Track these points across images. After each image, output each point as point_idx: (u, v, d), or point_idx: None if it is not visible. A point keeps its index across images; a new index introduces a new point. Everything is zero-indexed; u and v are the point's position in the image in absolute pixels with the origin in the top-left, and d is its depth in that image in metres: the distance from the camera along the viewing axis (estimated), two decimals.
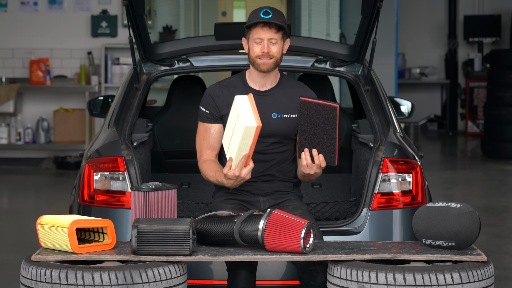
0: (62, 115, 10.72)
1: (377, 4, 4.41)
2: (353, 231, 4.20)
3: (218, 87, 4.17)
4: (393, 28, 10.89)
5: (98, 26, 10.77)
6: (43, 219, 3.55)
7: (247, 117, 3.73)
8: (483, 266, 3.45)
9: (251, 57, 4.06)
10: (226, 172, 3.87)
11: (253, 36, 4.04)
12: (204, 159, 4.13)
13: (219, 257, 3.47)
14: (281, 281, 4.20)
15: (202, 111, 4.16)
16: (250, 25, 4.03)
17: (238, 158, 3.81)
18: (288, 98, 4.14)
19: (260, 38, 4.01)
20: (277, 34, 4.02)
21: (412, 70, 15.26)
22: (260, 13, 4.00)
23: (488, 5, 15.14)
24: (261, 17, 4.00)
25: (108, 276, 3.31)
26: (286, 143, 4.17)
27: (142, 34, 4.72)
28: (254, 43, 4.04)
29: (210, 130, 4.13)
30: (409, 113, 5.71)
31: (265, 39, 4.01)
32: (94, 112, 5.66)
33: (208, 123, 4.14)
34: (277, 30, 4.01)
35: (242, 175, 3.85)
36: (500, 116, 11.99)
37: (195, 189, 5.26)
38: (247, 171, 3.85)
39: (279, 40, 4.04)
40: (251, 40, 4.05)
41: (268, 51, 4.01)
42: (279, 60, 4.07)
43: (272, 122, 4.11)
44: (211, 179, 4.07)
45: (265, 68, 4.05)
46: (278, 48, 4.04)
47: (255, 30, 4.02)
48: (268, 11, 4.01)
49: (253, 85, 4.15)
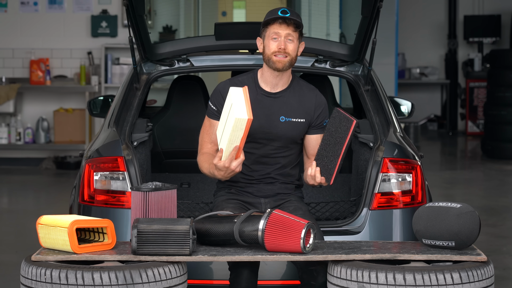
0: (62, 115, 10.72)
1: (377, 4, 4.41)
2: (353, 231, 4.20)
3: (229, 84, 4.14)
4: (393, 28, 10.89)
5: (98, 26, 10.77)
6: (43, 219, 3.55)
7: (239, 109, 3.72)
8: (483, 266, 3.45)
9: (267, 54, 4.04)
10: (216, 163, 3.86)
11: (270, 32, 4.02)
12: (203, 152, 4.13)
13: (219, 257, 3.47)
14: (281, 281, 4.20)
15: (210, 106, 4.16)
16: (268, 21, 4.02)
17: (229, 150, 3.81)
18: (298, 102, 4.13)
19: (278, 33, 4.00)
20: (294, 32, 4.02)
21: (412, 70, 15.26)
22: (278, 12, 4.01)
23: (488, 5, 15.14)
24: (279, 14, 3.99)
25: (108, 276, 3.31)
26: (292, 147, 4.17)
27: (142, 34, 4.72)
28: (271, 39, 4.02)
29: (214, 127, 4.12)
30: (409, 113, 5.71)
31: (282, 35, 4.00)
32: (94, 112, 5.66)
33: (214, 119, 4.12)
34: (295, 29, 4.01)
35: (232, 167, 3.84)
36: (500, 116, 11.99)
37: (195, 189, 5.26)
38: (237, 164, 3.84)
39: (296, 39, 4.03)
40: (268, 37, 4.03)
41: (285, 47, 3.99)
42: (294, 60, 4.05)
43: (280, 126, 4.11)
44: (204, 171, 4.07)
45: (280, 66, 4.03)
46: (294, 46, 4.03)
47: (272, 26, 4.01)
48: (286, 10, 4.01)
49: (264, 85, 4.14)
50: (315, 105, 4.16)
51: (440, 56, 15.51)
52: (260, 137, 4.11)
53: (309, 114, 4.15)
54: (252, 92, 4.09)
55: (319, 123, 4.17)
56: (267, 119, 4.10)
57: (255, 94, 4.10)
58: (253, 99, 4.08)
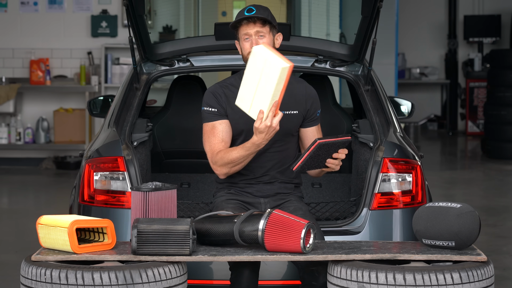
0: (62, 115, 10.72)
1: (377, 4, 4.42)
2: (353, 231, 4.20)
3: (219, 87, 4.16)
4: (393, 28, 10.89)
5: (98, 26, 10.77)
6: (43, 219, 3.55)
7: (278, 60, 3.65)
8: (483, 266, 3.45)
9: (244, 56, 4.07)
10: (258, 125, 3.79)
11: (241, 34, 4.06)
12: (218, 151, 4.04)
13: (219, 257, 3.47)
14: (282, 281, 4.20)
15: (206, 111, 4.11)
16: (235, 24, 4.06)
17: (269, 107, 3.74)
18: (288, 95, 4.13)
19: (247, 33, 4.03)
20: (263, 27, 4.03)
21: (412, 70, 15.26)
22: (244, 11, 4.03)
23: (488, 5, 15.14)
24: (245, 14, 4.02)
25: (108, 276, 3.31)
26: (288, 140, 4.16)
27: (142, 34, 4.73)
28: (243, 41, 4.06)
29: (218, 127, 4.09)
30: (409, 113, 5.71)
31: (252, 34, 4.02)
32: (94, 112, 5.66)
33: (215, 121, 4.09)
34: (263, 24, 4.02)
35: (273, 124, 3.78)
36: (500, 116, 11.99)
37: (195, 189, 5.26)
38: (278, 120, 3.78)
39: (267, 33, 4.04)
40: (241, 39, 4.07)
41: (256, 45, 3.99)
42: None
43: None
44: (236, 156, 3.96)
45: None
46: (267, 41, 4.03)
47: (241, 28, 4.05)
48: (251, 8, 4.03)
49: None
50: (305, 96, 4.17)
51: (440, 56, 15.51)
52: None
53: (301, 105, 4.15)
54: None
55: (312, 115, 4.18)
56: None
57: None
58: None
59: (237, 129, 4.11)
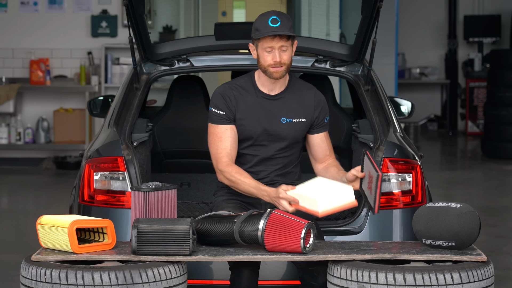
0: (62, 115, 10.72)
1: (377, 4, 4.41)
2: (353, 231, 4.20)
3: (229, 88, 4.11)
4: (393, 28, 10.89)
5: (98, 26, 10.77)
6: (43, 219, 3.55)
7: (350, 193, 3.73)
8: (483, 266, 3.45)
9: (262, 65, 4.00)
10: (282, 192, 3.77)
11: (263, 45, 3.97)
12: (227, 163, 4.02)
13: (219, 257, 3.47)
14: (282, 281, 4.20)
15: (215, 112, 4.08)
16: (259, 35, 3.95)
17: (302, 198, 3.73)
18: (297, 102, 4.12)
19: (271, 47, 3.96)
20: (287, 42, 3.97)
21: (412, 70, 15.25)
22: (268, 21, 3.93)
23: (488, 5, 15.14)
24: (270, 25, 3.92)
25: (108, 276, 3.31)
26: (293, 147, 4.17)
27: (142, 34, 4.72)
28: (265, 51, 3.97)
29: (226, 132, 4.06)
30: (409, 113, 5.71)
31: (276, 48, 3.96)
32: (94, 112, 5.66)
33: (224, 125, 4.06)
34: (287, 38, 3.96)
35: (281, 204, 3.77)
36: (500, 116, 11.99)
37: (195, 189, 5.26)
38: (286, 204, 3.77)
39: (290, 46, 3.99)
40: (261, 49, 3.98)
41: (280, 60, 3.97)
42: (290, 65, 4.02)
43: (282, 127, 4.10)
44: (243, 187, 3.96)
45: (278, 75, 4.00)
46: (289, 54, 3.99)
47: (265, 40, 3.95)
48: (276, 19, 3.93)
49: (263, 88, 4.12)
50: (314, 104, 4.16)
51: (440, 56, 15.51)
52: (263, 139, 4.11)
53: (309, 113, 4.15)
54: (252, 96, 4.09)
55: (320, 122, 4.17)
56: (268, 122, 4.09)
57: (255, 97, 4.10)
58: (254, 102, 4.08)
59: (245, 134, 4.10)
